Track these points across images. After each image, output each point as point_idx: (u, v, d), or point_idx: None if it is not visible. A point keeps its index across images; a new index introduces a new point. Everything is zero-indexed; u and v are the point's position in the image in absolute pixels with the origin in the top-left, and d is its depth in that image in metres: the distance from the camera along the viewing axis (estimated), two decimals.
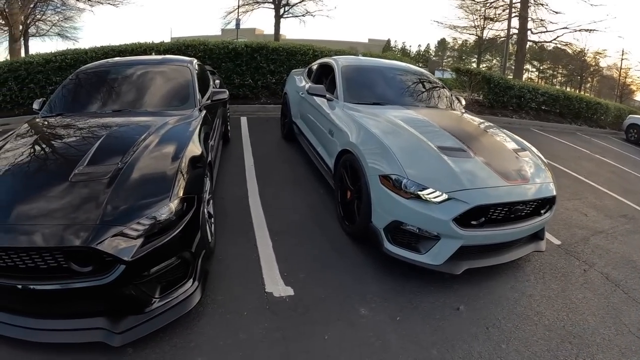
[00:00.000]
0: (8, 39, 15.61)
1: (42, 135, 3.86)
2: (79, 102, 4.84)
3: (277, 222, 4.51)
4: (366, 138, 4.17)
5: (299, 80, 7.34)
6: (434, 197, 3.43)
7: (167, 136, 3.65)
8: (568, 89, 34.05)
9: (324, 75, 6.55)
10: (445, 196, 3.43)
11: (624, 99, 48.76)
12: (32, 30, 25.14)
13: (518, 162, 4.09)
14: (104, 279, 2.52)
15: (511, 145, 4.52)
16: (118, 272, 2.53)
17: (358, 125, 4.45)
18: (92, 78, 5.18)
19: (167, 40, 12.83)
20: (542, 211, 4.00)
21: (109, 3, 24.66)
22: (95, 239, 2.51)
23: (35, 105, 4.94)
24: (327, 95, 5.41)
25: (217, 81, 7.18)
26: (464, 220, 3.45)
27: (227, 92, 5.33)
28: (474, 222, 3.52)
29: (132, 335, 2.67)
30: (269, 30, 41.32)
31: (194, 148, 3.56)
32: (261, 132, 8.42)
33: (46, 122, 4.27)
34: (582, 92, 35.43)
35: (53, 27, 26.89)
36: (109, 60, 6.16)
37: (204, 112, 4.57)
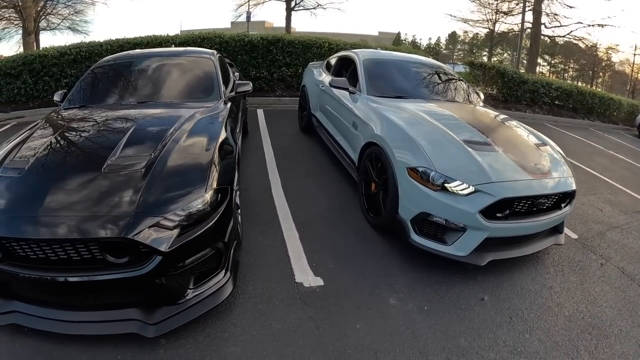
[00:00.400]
0: (22, 32, 15.69)
1: (69, 127, 3.86)
2: (102, 93, 4.85)
3: (302, 214, 4.59)
4: (393, 130, 4.23)
5: (318, 73, 7.39)
6: (461, 190, 3.51)
7: (198, 128, 3.68)
8: (579, 84, 33.78)
9: (344, 68, 6.61)
10: (472, 189, 3.50)
11: (635, 94, 48.30)
12: (42, 23, 25.00)
13: (540, 156, 4.16)
14: (139, 270, 2.54)
15: (532, 139, 4.59)
16: (154, 263, 2.56)
17: (383, 118, 4.51)
18: (115, 70, 5.21)
19: (177, 33, 12.85)
20: (563, 205, 4.07)
21: None
22: (132, 230, 2.53)
23: (57, 97, 5.00)
24: (350, 89, 5.46)
25: (237, 73, 7.23)
26: (489, 212, 3.52)
27: (251, 85, 5.35)
28: (499, 215, 3.59)
29: (166, 326, 2.70)
30: (278, 23, 41.30)
31: (225, 139, 3.60)
32: (279, 125, 8.49)
33: (71, 114, 4.27)
34: (594, 87, 35.12)
35: (64, 20, 26.74)
36: (131, 52, 6.20)
37: (229, 104, 4.61)
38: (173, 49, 6.76)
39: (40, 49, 11.55)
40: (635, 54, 45.34)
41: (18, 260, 2.63)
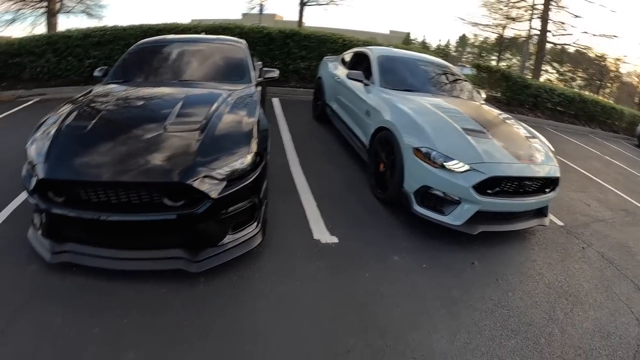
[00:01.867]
0: (46, 13, 16.15)
1: (121, 97, 4.31)
2: (144, 71, 5.34)
3: (318, 187, 5.15)
4: (402, 117, 4.81)
5: (334, 67, 7.95)
6: (458, 168, 4.10)
7: (238, 104, 4.20)
8: (587, 93, 33.95)
9: (358, 63, 7.13)
10: (467, 167, 4.10)
11: None
12: (57, 6, 25.12)
13: (529, 146, 4.77)
14: (192, 212, 3.06)
15: (523, 132, 5.20)
16: (204, 207, 3.08)
17: (394, 107, 5.08)
18: (155, 51, 5.72)
19: (188, 22, 13.28)
20: (547, 190, 4.66)
21: None
22: (190, 178, 3.04)
23: (98, 73, 5.45)
24: (364, 81, 6.04)
25: (259, 62, 7.74)
26: (481, 188, 4.10)
27: (277, 71, 5.88)
28: (489, 191, 4.18)
29: (207, 263, 3.25)
30: (288, 16, 41.52)
31: (260, 115, 4.13)
32: (293, 113, 8.99)
33: (118, 87, 4.71)
34: (600, 97, 35.26)
35: (79, 4, 26.91)
36: (167, 36, 6.76)
37: (259, 87, 5.13)
38: (207, 35, 7.27)
39: (64, 30, 11.96)
40: None
41: (80, 204, 3.12)
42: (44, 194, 3.15)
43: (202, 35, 7.33)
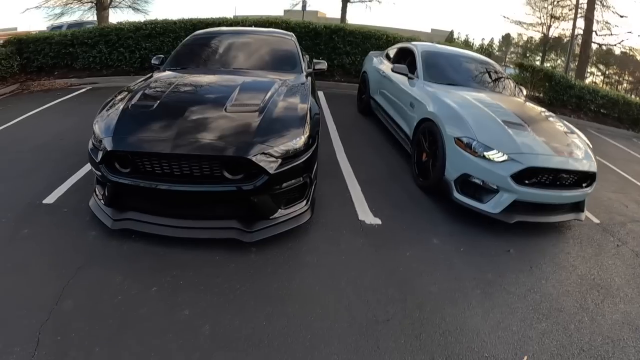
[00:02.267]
0: (94, 7, 16.70)
1: (182, 81, 4.64)
2: (200, 60, 5.70)
3: (362, 174, 5.44)
4: (444, 109, 5.06)
5: (379, 62, 8.23)
6: (497, 157, 4.33)
7: (292, 89, 4.52)
8: (634, 97, 33.06)
9: (403, 58, 7.38)
10: (505, 157, 4.32)
11: None
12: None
13: (566, 141, 4.93)
14: (250, 185, 3.37)
15: (562, 128, 5.36)
16: (261, 181, 3.38)
17: (437, 99, 5.33)
18: (210, 42, 6.09)
19: (231, 17, 13.63)
20: (584, 184, 4.80)
21: None
22: (250, 153, 3.35)
23: (156, 61, 5.83)
24: (409, 74, 6.29)
25: (307, 56, 8.03)
26: (519, 178, 4.31)
27: (326, 63, 6.21)
28: (526, 182, 4.38)
29: (260, 234, 3.56)
30: (331, 14, 41.61)
31: (312, 101, 4.43)
32: (338, 106, 9.27)
33: (177, 74, 5.03)
34: None
35: None
36: (222, 28, 7.16)
37: (309, 77, 5.42)
38: (258, 28, 7.61)
39: (116, 22, 12.44)
40: None
41: (145, 174, 3.44)
42: (111, 165, 3.48)
43: (253, 28, 7.67)
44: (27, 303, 2.87)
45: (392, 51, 8.23)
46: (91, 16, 17.91)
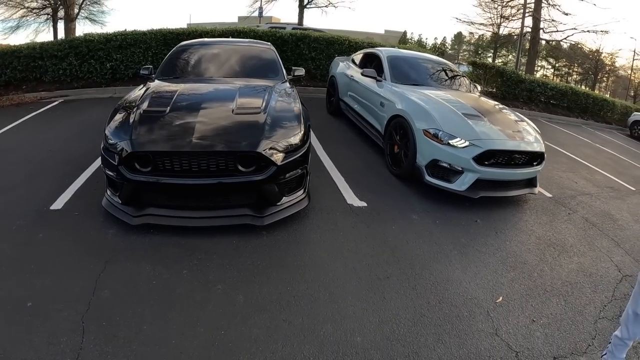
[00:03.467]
0: (64, 19, 16.86)
1: (184, 88, 4.99)
2: (189, 69, 6.09)
3: (343, 167, 6.08)
4: (412, 105, 5.78)
5: (346, 67, 8.93)
6: (460, 144, 5.07)
7: (282, 93, 5.09)
8: (583, 87, 34.31)
9: (369, 63, 8.10)
10: (467, 143, 5.07)
11: (637, 99, 48.94)
12: (60, 13, 24.32)
13: (517, 128, 5.75)
14: (261, 176, 3.85)
15: (514, 117, 6.24)
16: (270, 172, 3.88)
17: (404, 98, 6.05)
18: (196, 52, 6.50)
19: (184, 26, 13.72)
20: (534, 163, 5.61)
21: None
22: (261, 148, 3.83)
23: (145, 71, 6.05)
24: (377, 77, 7.01)
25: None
26: (479, 160, 5.05)
27: (304, 70, 6.79)
28: (486, 162, 5.13)
29: (270, 218, 4.05)
30: (285, 19, 41.78)
31: (300, 101, 5.02)
32: (309, 108, 9.66)
33: (172, 81, 5.40)
34: (596, 91, 35.63)
35: (81, 10, 25.88)
36: (205, 39, 7.57)
37: (292, 82, 5.99)
38: (239, 39, 8.21)
39: (84, 34, 12.12)
40: (634, 59, 45.95)
41: (164, 172, 3.79)
42: (130, 166, 3.79)
43: (233, 39, 8.15)
44: (63, 297, 3.09)
45: (357, 57, 8.94)
46: (48, 29, 17.87)
